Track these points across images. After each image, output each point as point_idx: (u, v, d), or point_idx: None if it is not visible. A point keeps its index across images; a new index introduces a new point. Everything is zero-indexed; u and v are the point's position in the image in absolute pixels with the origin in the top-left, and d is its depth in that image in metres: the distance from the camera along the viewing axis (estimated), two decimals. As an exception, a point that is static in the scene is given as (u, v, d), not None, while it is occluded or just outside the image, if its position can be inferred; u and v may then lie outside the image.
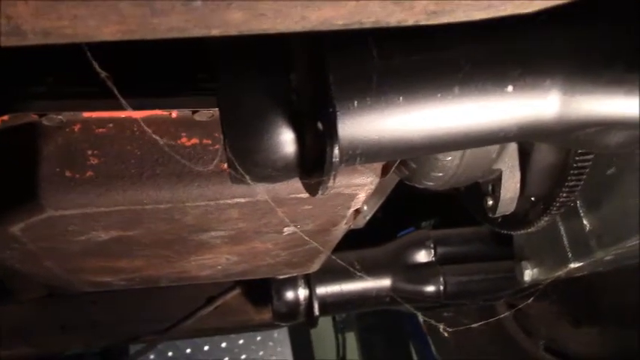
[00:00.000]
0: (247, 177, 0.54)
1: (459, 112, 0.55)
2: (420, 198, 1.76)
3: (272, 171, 0.54)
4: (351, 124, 0.52)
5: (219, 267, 1.11)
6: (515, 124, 0.58)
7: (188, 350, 3.58)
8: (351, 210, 0.90)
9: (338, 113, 0.50)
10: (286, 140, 0.53)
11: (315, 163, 0.53)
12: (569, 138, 0.62)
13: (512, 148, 1.14)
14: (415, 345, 3.97)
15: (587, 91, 0.56)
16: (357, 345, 4.03)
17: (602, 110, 0.57)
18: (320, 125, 0.50)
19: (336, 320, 6.11)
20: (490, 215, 1.22)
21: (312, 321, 1.51)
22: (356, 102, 0.52)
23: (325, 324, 5.99)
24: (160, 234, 0.87)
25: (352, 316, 4.31)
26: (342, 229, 0.99)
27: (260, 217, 0.86)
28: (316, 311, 1.50)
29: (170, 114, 0.76)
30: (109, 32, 0.37)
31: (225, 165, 0.60)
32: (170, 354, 3.56)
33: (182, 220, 0.83)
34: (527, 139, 0.70)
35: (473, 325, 1.34)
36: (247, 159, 0.53)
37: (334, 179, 0.53)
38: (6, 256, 0.95)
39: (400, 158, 0.78)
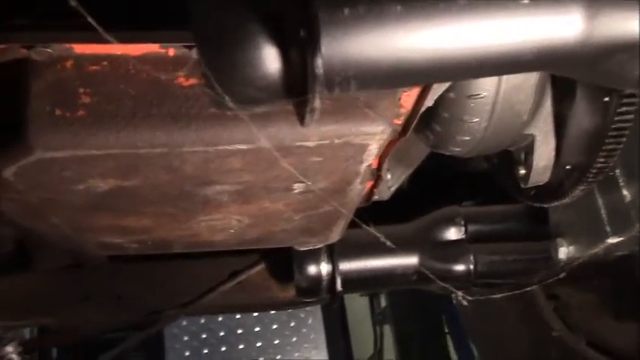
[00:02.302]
0: (226, 98, 0.49)
1: (464, 28, 0.49)
2: (454, 179, 1.68)
3: (253, 91, 0.49)
4: (341, 37, 0.46)
5: (232, 231, 1.06)
6: (533, 47, 0.51)
7: (222, 333, 3.57)
8: (364, 165, 0.84)
9: (321, 17, 0.44)
10: (268, 55, 0.48)
11: (300, 82, 0.48)
12: (597, 69, 0.55)
13: (547, 111, 1.06)
14: (452, 337, 3.89)
15: (616, 4, 0.49)
16: (393, 337, 3.96)
17: (635, 29, 0.49)
18: (302, 32, 0.44)
19: (375, 312, 6.08)
20: (522, 186, 1.15)
21: (334, 297, 1.46)
22: (346, 10, 0.46)
23: (363, 316, 5.97)
24: (161, 186, 0.83)
25: (389, 308, 4.24)
26: (357, 189, 0.93)
27: (266, 168, 0.81)
28: (339, 287, 1.44)
29: (167, 52, 0.72)
30: None
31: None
32: (204, 336, 3.56)
33: (182, 170, 0.78)
34: (548, 68, 0.63)
35: (509, 305, 1.27)
36: (225, 76, 0.48)
37: (321, 100, 0.47)
38: (8, 208, 0.92)
39: (401, 85, 0.72)
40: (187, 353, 3.50)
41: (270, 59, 0.48)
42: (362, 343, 5.42)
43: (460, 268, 1.46)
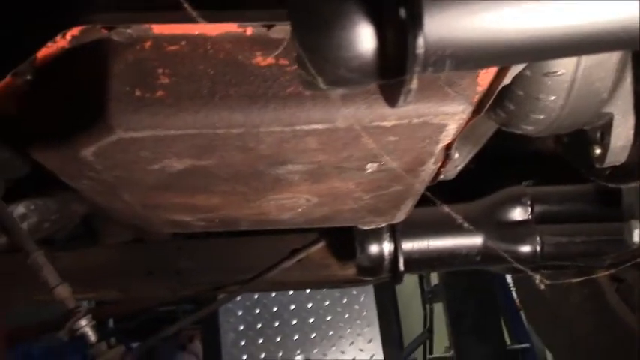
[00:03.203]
0: (319, 79, 0.48)
1: (565, 5, 0.46)
2: (518, 158, 1.64)
3: (346, 71, 0.47)
4: (442, 16, 0.45)
5: (300, 210, 1.06)
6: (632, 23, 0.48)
7: (275, 308, 3.61)
8: (440, 146, 0.82)
9: (424, -6, 0.42)
10: (363, 34, 0.46)
11: (396, 62, 0.46)
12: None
13: (627, 89, 1.02)
14: (506, 317, 3.85)
15: None
16: (445, 316, 3.94)
17: None
18: (402, 12, 0.43)
19: (424, 291, 6.06)
20: (597, 166, 1.11)
21: (396, 277, 1.45)
22: (446, -12, 0.44)
23: (412, 295, 5.95)
24: (234, 166, 0.83)
25: (440, 287, 4.22)
26: (429, 169, 0.91)
27: (340, 148, 0.79)
28: (401, 267, 1.43)
29: (244, 31, 0.71)
30: None
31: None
32: (257, 311, 3.60)
33: (257, 150, 0.78)
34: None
35: (571, 285, 1.23)
36: (319, 56, 0.47)
37: (417, 81, 0.46)
38: (85, 187, 0.94)
39: (495, 65, 0.69)
40: (241, 327, 3.55)
41: (366, 39, 0.46)
42: (411, 322, 5.42)
43: (526, 249, 1.43)
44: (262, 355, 3.51)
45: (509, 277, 4.12)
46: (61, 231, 1.48)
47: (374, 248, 1.42)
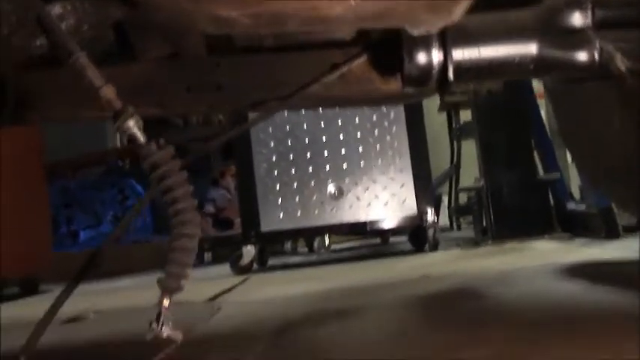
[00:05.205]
0: None
1: None
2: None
3: None
4: None
5: (352, 2, 0.99)
6: None
7: (307, 140, 3.62)
8: None
9: None
10: None
11: None
12: None
13: None
14: (538, 148, 3.84)
15: None
16: (476, 146, 3.94)
17: None
18: None
19: (453, 128, 6.05)
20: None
21: (445, 86, 1.40)
22: None
23: (440, 132, 5.95)
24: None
25: (471, 122, 4.18)
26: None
27: None
28: (450, 76, 1.37)
29: None
30: None
31: None
32: (290, 142, 3.62)
33: None
34: None
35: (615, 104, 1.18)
36: None
37: None
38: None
39: None
40: (274, 158, 3.59)
41: None
42: (438, 159, 5.47)
43: (583, 57, 1.35)
44: (295, 185, 3.58)
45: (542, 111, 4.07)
46: (98, 44, 1.43)
47: (423, 56, 1.37)
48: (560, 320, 1.33)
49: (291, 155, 3.61)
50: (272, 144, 3.61)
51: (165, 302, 0.94)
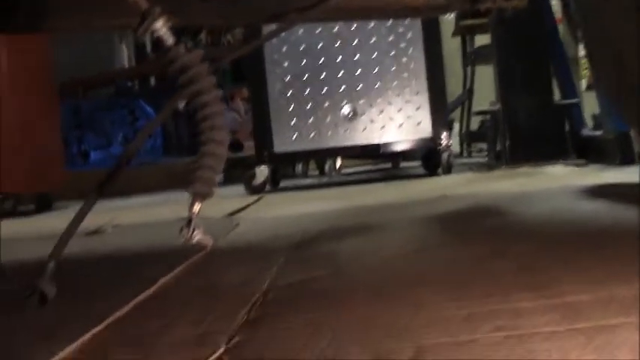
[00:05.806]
0: None
1: None
2: None
3: None
4: None
5: None
6: None
7: (322, 60, 3.56)
8: None
9: None
10: None
11: None
12: None
13: None
14: (557, 74, 3.77)
15: None
16: (494, 70, 3.86)
17: None
18: None
19: (467, 53, 5.94)
20: None
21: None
22: None
23: (454, 56, 5.84)
24: None
25: (490, 46, 4.09)
26: None
27: None
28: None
29: None
30: None
31: None
32: (304, 62, 3.56)
33: None
34: None
35: None
36: None
37: None
38: None
39: None
40: (288, 78, 3.54)
41: None
42: (450, 84, 5.39)
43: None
44: (309, 106, 3.54)
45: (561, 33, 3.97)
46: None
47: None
48: (582, 235, 1.33)
49: (306, 75, 3.56)
50: (286, 64, 3.55)
51: (196, 207, 0.93)
